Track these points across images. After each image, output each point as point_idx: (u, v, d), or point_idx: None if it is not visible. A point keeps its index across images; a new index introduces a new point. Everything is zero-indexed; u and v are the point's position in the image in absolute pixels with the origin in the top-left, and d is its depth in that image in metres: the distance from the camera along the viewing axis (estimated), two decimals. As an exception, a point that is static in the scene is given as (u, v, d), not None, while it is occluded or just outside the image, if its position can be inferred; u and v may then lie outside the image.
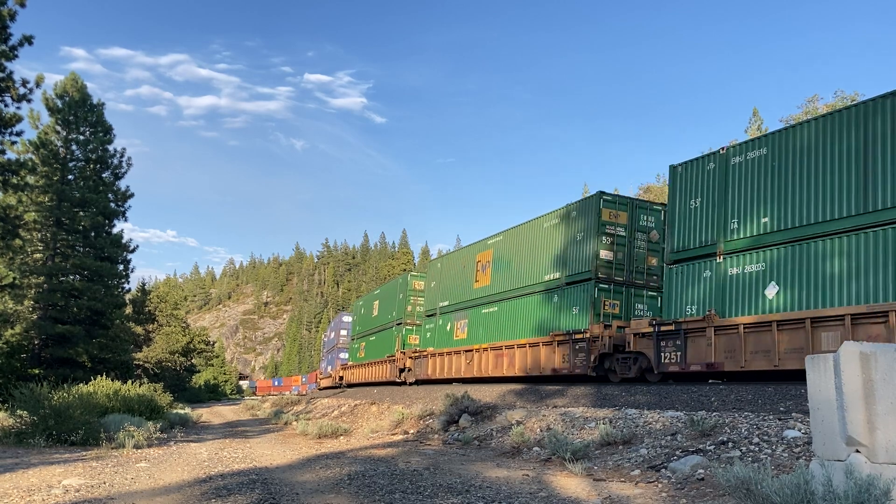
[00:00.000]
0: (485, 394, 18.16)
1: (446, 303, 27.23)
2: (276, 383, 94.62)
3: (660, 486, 7.99)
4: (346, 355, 45.58)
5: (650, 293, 19.08)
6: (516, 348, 21.02)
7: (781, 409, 10.10)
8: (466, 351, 24.08)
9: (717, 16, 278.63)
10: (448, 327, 26.50)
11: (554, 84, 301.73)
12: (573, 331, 18.47)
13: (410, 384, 28.35)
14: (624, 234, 18.81)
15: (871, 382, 5.21)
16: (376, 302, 38.47)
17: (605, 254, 18.48)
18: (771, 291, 13.35)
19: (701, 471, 8.11)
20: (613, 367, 17.17)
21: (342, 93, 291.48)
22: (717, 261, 14.64)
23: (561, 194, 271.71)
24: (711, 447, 8.96)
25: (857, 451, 5.19)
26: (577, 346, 18.23)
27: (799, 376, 12.56)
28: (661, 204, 20.21)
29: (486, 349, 22.72)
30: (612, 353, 17.12)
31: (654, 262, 19.14)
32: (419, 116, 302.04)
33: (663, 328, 15.34)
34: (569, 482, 8.46)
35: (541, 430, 12.50)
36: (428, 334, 28.69)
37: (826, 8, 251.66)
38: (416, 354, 28.85)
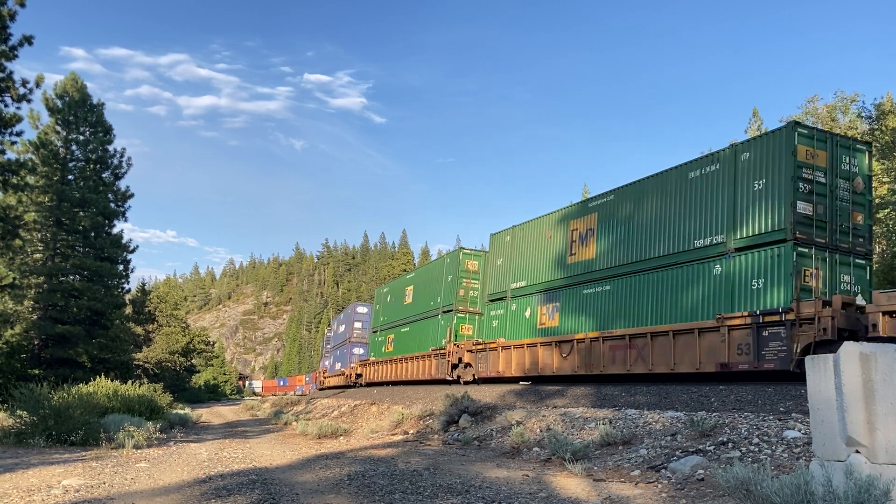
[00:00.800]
0: (485, 394, 18.16)
1: (523, 283, 22.51)
2: (282, 383, 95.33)
3: (660, 486, 7.99)
4: (363, 350, 42.49)
5: (858, 260, 14.94)
6: (650, 338, 16.27)
7: (781, 409, 10.11)
8: (562, 342, 19.19)
9: (717, 16, 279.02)
10: (527, 313, 21.99)
11: (554, 84, 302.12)
12: (764, 311, 13.88)
13: (467, 383, 23.85)
14: (824, 180, 14.56)
15: (871, 383, 5.21)
16: (410, 288, 33.52)
17: (802, 206, 14.16)
18: None
19: (701, 471, 8.11)
20: None
21: (342, 93, 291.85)
22: None
23: (561, 194, 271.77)
24: (711, 447, 8.96)
25: (857, 451, 5.18)
26: (765, 332, 13.80)
27: None
28: (866, 142, 16.12)
29: (596, 339, 17.89)
30: (832, 342, 12.57)
31: (859, 218, 14.97)
32: (419, 116, 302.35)
33: None
34: (569, 482, 8.46)
35: (541, 431, 12.50)
36: (495, 322, 23.95)
37: (826, 8, 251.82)
38: (480, 346, 23.70)
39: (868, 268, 15.18)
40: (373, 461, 10.93)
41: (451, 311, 27.41)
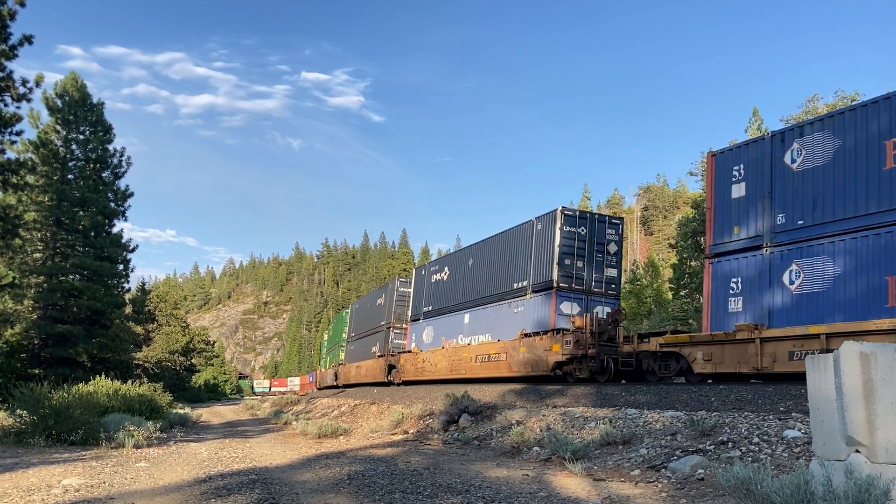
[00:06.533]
0: (485, 394, 18.15)
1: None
2: (311, 379, 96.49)
3: (660, 485, 7.99)
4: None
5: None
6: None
7: (781, 409, 10.10)
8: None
9: (717, 16, 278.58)
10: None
11: (554, 84, 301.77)
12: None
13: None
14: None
15: (871, 382, 5.20)
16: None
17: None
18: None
19: (701, 471, 8.11)
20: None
21: (340, 91, 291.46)
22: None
23: (561, 194, 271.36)
24: (711, 447, 8.96)
25: (857, 451, 5.18)
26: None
27: None
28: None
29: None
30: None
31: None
32: (417, 115, 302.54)
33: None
34: (569, 482, 8.46)
35: (541, 430, 12.50)
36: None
37: (826, 8, 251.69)
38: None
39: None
40: (373, 461, 10.93)
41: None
